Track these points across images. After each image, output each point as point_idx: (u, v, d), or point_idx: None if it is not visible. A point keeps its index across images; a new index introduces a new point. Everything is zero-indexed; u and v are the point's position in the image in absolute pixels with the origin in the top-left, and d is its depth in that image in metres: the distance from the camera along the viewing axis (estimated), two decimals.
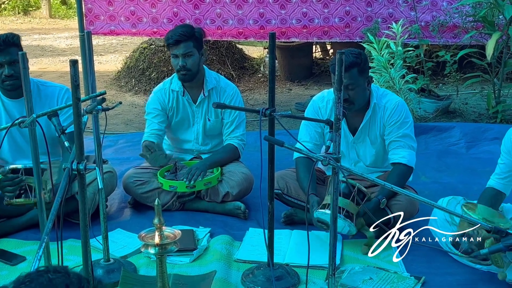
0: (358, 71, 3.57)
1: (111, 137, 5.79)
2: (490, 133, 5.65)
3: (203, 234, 3.79)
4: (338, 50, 2.62)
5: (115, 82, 8.38)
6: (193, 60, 4.09)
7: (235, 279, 3.33)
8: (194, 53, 4.08)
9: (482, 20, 5.83)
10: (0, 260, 3.52)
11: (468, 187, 4.48)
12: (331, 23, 6.49)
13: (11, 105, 3.86)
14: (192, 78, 4.16)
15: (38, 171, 2.82)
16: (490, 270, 3.31)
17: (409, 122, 3.79)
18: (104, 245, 3.35)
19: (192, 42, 4.06)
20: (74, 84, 2.35)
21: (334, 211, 2.66)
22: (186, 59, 4.07)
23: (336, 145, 2.61)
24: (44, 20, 15.52)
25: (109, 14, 6.55)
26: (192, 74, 4.13)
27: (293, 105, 7.05)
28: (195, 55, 4.09)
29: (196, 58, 4.10)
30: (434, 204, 2.78)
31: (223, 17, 6.53)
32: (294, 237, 3.76)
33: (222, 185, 4.13)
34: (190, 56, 4.07)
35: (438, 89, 7.31)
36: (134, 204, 4.26)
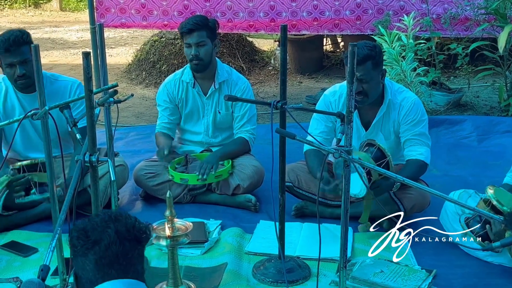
0: (372, 64, 3.55)
1: (122, 130, 5.81)
2: (502, 126, 5.64)
3: (214, 227, 3.80)
4: (350, 42, 2.62)
5: (125, 75, 8.39)
6: (206, 49, 4.09)
7: (246, 271, 3.34)
8: (207, 42, 4.09)
9: (494, 13, 5.80)
10: (13, 252, 3.55)
11: (479, 180, 4.46)
12: (342, 16, 6.47)
13: (25, 100, 3.87)
14: (205, 68, 4.16)
15: (51, 164, 2.83)
16: (501, 263, 3.32)
17: (425, 120, 3.78)
18: None
19: (206, 31, 4.06)
20: (87, 76, 2.36)
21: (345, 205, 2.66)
22: (199, 49, 4.08)
23: (347, 138, 2.61)
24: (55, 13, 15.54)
25: (119, 7, 6.56)
26: (204, 64, 4.13)
27: (304, 98, 7.05)
28: (208, 45, 4.09)
29: (209, 48, 4.10)
30: (446, 197, 2.77)
31: (234, 9, 6.52)
32: (305, 230, 3.77)
33: (233, 178, 4.14)
34: (203, 46, 4.08)
35: (449, 82, 7.28)
36: (145, 196, 4.28)
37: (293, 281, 3.19)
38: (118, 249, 1.90)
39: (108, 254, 1.89)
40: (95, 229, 1.93)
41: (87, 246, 1.90)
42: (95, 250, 1.90)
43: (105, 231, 1.91)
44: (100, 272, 1.90)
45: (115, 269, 1.91)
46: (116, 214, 2.00)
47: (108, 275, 1.90)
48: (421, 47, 6.00)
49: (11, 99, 3.88)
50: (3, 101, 3.86)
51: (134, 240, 1.96)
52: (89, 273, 1.91)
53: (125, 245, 1.92)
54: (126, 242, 1.93)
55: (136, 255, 1.97)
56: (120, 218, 1.98)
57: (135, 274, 1.95)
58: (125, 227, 1.95)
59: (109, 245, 1.89)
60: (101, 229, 1.92)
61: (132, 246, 1.95)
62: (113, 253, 1.90)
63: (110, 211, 2.03)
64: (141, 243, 2.01)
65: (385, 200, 3.66)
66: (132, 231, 1.96)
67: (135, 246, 1.97)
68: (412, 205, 3.72)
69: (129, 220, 1.99)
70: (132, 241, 1.95)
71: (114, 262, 1.90)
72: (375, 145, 3.48)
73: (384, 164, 3.42)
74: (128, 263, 1.94)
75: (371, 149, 3.47)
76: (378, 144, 3.47)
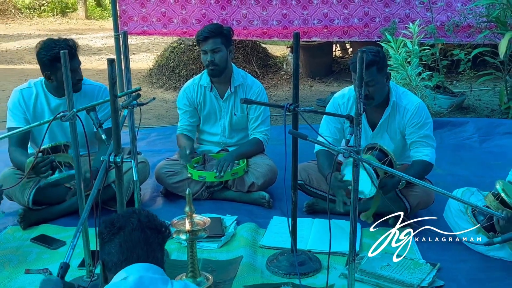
0: (377, 69, 3.55)
1: (144, 131, 5.83)
2: (502, 128, 5.61)
3: (230, 222, 3.81)
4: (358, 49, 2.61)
5: (147, 79, 8.41)
6: (221, 55, 4.10)
7: (260, 264, 3.34)
8: (222, 49, 4.10)
9: (495, 20, 5.77)
10: (42, 245, 3.57)
11: (481, 180, 4.44)
12: (351, 23, 6.46)
13: (55, 103, 3.89)
14: (220, 73, 4.18)
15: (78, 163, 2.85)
16: (502, 257, 3.30)
17: (429, 123, 3.76)
18: None
19: (220, 38, 4.08)
20: (112, 82, 2.37)
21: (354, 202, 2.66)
22: (214, 55, 4.09)
23: (356, 139, 2.61)
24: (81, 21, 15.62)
25: (141, 15, 6.59)
26: (220, 69, 4.14)
27: (314, 101, 7.03)
28: (223, 51, 4.10)
29: (223, 54, 4.11)
30: (450, 195, 2.77)
31: (249, 18, 6.53)
32: (315, 225, 3.77)
33: (248, 176, 4.14)
34: (218, 52, 4.09)
35: (452, 86, 7.24)
36: (166, 193, 4.29)
37: (305, 274, 3.19)
38: (140, 235, 2.06)
39: (131, 239, 2.05)
40: (120, 218, 2.10)
41: (113, 232, 2.06)
42: (119, 235, 2.05)
43: (129, 220, 2.08)
44: (124, 254, 2.03)
45: (137, 253, 2.04)
46: (139, 209, 2.19)
47: (130, 258, 2.03)
48: (426, 53, 5.97)
49: (41, 103, 3.90)
50: (33, 104, 3.88)
51: (155, 229, 2.11)
52: (114, 257, 2.05)
53: (146, 232, 2.07)
54: (147, 230, 2.08)
55: (156, 243, 2.11)
56: (142, 212, 2.15)
57: (155, 260, 2.08)
58: (147, 218, 2.11)
59: (132, 231, 2.05)
60: (126, 218, 2.09)
61: (153, 234, 2.10)
62: (135, 238, 2.05)
63: (133, 208, 2.22)
64: (161, 233, 2.14)
65: (392, 197, 3.66)
66: (153, 221, 2.12)
67: (156, 235, 2.11)
68: (417, 203, 3.71)
69: (151, 215, 2.15)
70: (153, 230, 2.10)
71: (136, 246, 2.05)
72: (376, 147, 3.48)
73: (388, 162, 3.41)
74: (149, 248, 2.07)
75: (373, 152, 3.47)
76: (378, 146, 3.47)
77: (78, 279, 3.03)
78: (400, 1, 6.32)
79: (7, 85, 8.17)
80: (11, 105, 3.89)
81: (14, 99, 3.89)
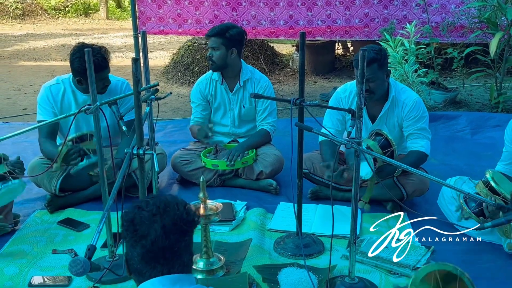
0: (378, 66, 3.54)
1: (161, 123, 5.84)
2: (492, 121, 5.59)
3: (240, 207, 3.82)
4: (360, 47, 2.60)
5: (163, 75, 8.42)
6: (218, 54, 4.10)
7: (268, 246, 3.35)
8: (221, 48, 4.09)
9: (487, 21, 5.73)
10: (68, 227, 3.59)
11: (472, 169, 4.44)
12: (352, 24, 6.43)
13: (81, 98, 3.90)
14: (217, 69, 4.19)
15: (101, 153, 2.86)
16: (492, 241, 3.29)
17: (425, 117, 3.75)
18: None
19: (221, 39, 4.07)
20: (135, 79, 2.36)
21: (355, 189, 2.66)
22: (213, 52, 4.11)
23: (357, 131, 2.60)
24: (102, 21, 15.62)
25: (158, 16, 6.58)
26: (217, 66, 4.15)
27: (318, 95, 7.02)
28: (221, 50, 4.09)
29: (222, 53, 4.10)
30: (443, 182, 2.76)
31: (257, 18, 6.51)
32: (319, 211, 3.77)
33: (256, 165, 4.15)
34: (216, 50, 4.09)
35: (446, 82, 7.21)
36: (181, 180, 4.31)
37: (309, 255, 3.20)
38: (164, 243, 1.78)
39: (154, 249, 1.79)
40: (142, 222, 1.80)
41: (135, 239, 1.81)
42: (142, 244, 1.79)
43: (151, 226, 1.79)
44: (147, 265, 1.81)
45: (161, 263, 1.80)
46: (165, 205, 1.84)
47: (154, 269, 1.80)
48: (422, 51, 5.96)
49: (68, 98, 3.90)
50: (61, 99, 3.89)
51: (180, 232, 1.82)
52: (138, 264, 1.83)
53: (171, 239, 1.79)
54: (172, 236, 1.80)
55: (183, 246, 1.84)
56: (168, 210, 1.82)
57: (181, 267, 1.84)
58: (172, 221, 1.80)
59: (155, 240, 1.77)
60: (148, 224, 1.79)
61: (178, 239, 1.82)
62: (159, 247, 1.78)
63: (159, 200, 1.85)
64: (189, 234, 1.87)
65: (389, 185, 3.65)
66: (179, 224, 1.81)
67: (182, 239, 1.83)
68: (413, 190, 3.71)
69: (177, 212, 1.83)
70: (179, 234, 1.82)
71: (160, 256, 1.80)
72: (383, 135, 3.46)
73: (390, 152, 3.40)
74: (174, 255, 1.82)
75: (378, 138, 3.44)
76: (386, 135, 3.45)
77: (101, 259, 3.05)
78: (398, 3, 6.29)
79: (35, 80, 8.20)
80: (40, 100, 3.90)
81: (43, 94, 3.90)
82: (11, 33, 12.71)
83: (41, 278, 3.00)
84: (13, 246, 3.34)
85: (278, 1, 6.44)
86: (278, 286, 2.89)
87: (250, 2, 6.47)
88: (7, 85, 8.06)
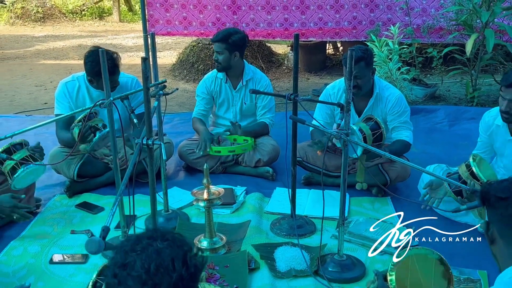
0: (365, 64, 3.53)
1: (168, 116, 5.82)
2: (468, 114, 5.58)
3: (240, 192, 3.82)
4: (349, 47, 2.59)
5: (170, 72, 8.38)
6: (223, 57, 4.09)
7: (265, 227, 3.36)
8: (224, 52, 4.08)
9: (463, 24, 5.72)
10: (85, 210, 3.60)
11: (450, 157, 4.44)
12: (342, 26, 6.41)
13: (95, 94, 3.88)
14: (223, 70, 4.18)
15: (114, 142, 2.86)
16: (467, 222, 3.30)
17: (407, 111, 3.74)
18: (165, 199, 3.40)
19: (224, 44, 4.06)
20: (145, 76, 2.36)
21: (344, 176, 2.66)
22: (218, 55, 4.10)
23: (346, 124, 2.60)
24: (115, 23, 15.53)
25: (166, 19, 6.55)
26: (222, 67, 4.15)
27: (311, 91, 7.00)
28: (225, 54, 4.08)
29: (226, 56, 4.09)
30: (423, 170, 2.77)
31: (256, 21, 6.48)
32: (311, 195, 3.77)
33: (255, 153, 4.15)
34: (220, 54, 4.09)
35: (426, 79, 7.19)
36: (187, 168, 4.31)
37: (302, 235, 3.21)
38: None
39: None
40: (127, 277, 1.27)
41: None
42: None
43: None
44: None
45: None
46: (157, 267, 1.26)
47: None
48: (404, 51, 5.94)
49: (83, 94, 3.89)
50: (76, 95, 3.88)
51: None
52: None
53: None
54: None
55: None
56: (160, 274, 1.26)
57: None
58: None
59: None
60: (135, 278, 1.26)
61: None
62: None
63: (149, 256, 1.28)
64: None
65: (374, 171, 3.66)
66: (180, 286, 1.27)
67: None
68: (396, 176, 3.71)
69: (172, 274, 1.26)
70: None
71: None
72: (373, 119, 3.46)
73: (378, 134, 3.40)
74: None
75: (369, 123, 3.45)
76: (375, 118, 3.46)
77: (114, 239, 3.05)
78: (383, 7, 6.26)
79: (54, 77, 8.17)
80: (58, 95, 3.89)
81: (59, 90, 3.89)
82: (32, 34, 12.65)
83: (61, 256, 3.01)
84: (35, 227, 3.35)
85: (274, 5, 6.40)
86: (274, 262, 2.90)
87: (249, 6, 6.44)
88: (30, 81, 8.04)
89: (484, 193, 1.77)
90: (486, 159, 3.46)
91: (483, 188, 1.79)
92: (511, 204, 1.68)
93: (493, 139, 3.37)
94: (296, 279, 2.77)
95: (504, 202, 1.70)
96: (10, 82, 7.95)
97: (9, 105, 6.70)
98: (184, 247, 1.32)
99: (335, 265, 2.81)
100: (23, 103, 6.74)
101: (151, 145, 2.53)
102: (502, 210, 1.70)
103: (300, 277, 2.78)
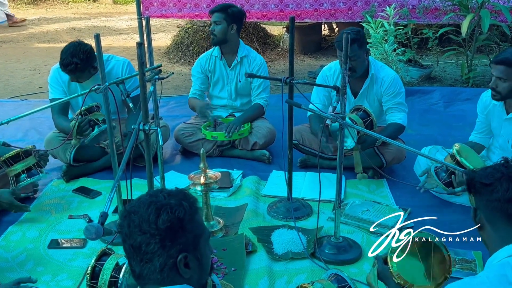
0: (358, 45, 3.53)
1: (164, 99, 5.80)
2: (463, 95, 5.58)
3: (237, 175, 3.83)
4: (343, 29, 2.58)
5: (165, 55, 8.34)
6: (220, 28, 4.07)
7: (262, 209, 3.37)
8: (222, 22, 4.06)
9: (459, 4, 5.69)
10: (82, 194, 3.61)
11: (445, 138, 4.46)
12: (337, 7, 6.36)
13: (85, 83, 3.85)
14: (217, 43, 4.16)
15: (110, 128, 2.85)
16: (461, 203, 3.33)
17: (402, 92, 3.74)
18: (162, 183, 3.41)
19: (223, 14, 4.05)
20: (140, 61, 2.34)
21: (340, 158, 2.67)
22: (215, 26, 4.09)
23: (342, 106, 2.61)
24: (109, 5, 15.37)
25: (160, 1, 6.48)
26: (218, 39, 4.12)
27: (306, 73, 6.98)
28: (223, 25, 4.07)
29: (222, 27, 4.07)
30: (418, 152, 2.78)
31: (251, 2, 6.43)
32: (307, 178, 3.79)
33: (251, 137, 4.15)
34: (218, 24, 4.07)
35: (422, 60, 7.17)
36: (183, 151, 4.31)
37: (299, 217, 3.23)
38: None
39: None
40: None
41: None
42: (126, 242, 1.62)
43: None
44: None
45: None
46: (163, 203, 1.58)
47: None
48: (400, 32, 5.91)
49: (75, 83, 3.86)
50: (68, 81, 3.83)
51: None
52: None
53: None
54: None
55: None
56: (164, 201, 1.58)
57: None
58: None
59: None
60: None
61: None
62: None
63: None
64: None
65: (370, 154, 3.67)
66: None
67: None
68: (392, 158, 3.73)
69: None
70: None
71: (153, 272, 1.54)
72: (361, 108, 3.47)
73: (369, 122, 3.41)
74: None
75: (359, 113, 3.46)
76: (363, 107, 3.46)
77: (112, 223, 3.07)
78: None
79: (48, 61, 8.11)
80: (51, 80, 3.88)
81: (52, 76, 3.88)
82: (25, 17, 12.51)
83: (59, 241, 3.02)
84: (33, 212, 3.35)
85: None
86: (272, 245, 2.92)
87: None
88: (23, 65, 7.98)
89: (470, 180, 1.81)
90: (485, 139, 3.48)
91: (468, 176, 1.83)
92: (495, 190, 1.72)
93: (490, 119, 3.38)
94: (293, 261, 2.80)
95: (488, 188, 1.74)
96: (4, 66, 7.90)
97: (3, 89, 6.66)
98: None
99: (332, 247, 2.84)
100: (17, 87, 6.71)
101: (148, 130, 2.53)
102: (487, 196, 1.75)
103: (297, 259, 2.81)
